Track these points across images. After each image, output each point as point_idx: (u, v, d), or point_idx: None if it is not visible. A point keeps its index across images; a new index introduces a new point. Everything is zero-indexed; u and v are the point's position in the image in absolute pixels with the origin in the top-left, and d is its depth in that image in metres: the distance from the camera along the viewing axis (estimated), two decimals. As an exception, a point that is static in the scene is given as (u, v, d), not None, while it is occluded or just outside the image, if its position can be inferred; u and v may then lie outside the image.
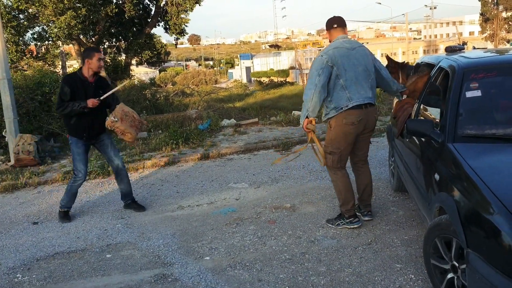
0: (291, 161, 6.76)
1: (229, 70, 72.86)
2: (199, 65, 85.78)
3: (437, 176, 3.04)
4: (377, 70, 4.18)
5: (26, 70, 14.71)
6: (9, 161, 8.06)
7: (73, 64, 25.03)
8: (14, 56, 16.09)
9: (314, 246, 3.93)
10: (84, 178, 5.13)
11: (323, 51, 4.07)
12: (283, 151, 7.89)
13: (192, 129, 9.40)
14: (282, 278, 3.43)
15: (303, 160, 6.91)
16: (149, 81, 31.26)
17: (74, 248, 4.37)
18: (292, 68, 50.90)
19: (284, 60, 55.90)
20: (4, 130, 8.36)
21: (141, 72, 39.20)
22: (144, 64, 22.91)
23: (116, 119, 4.85)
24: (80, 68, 5.03)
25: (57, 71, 14.24)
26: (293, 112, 11.88)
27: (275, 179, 6.16)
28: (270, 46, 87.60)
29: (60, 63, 18.25)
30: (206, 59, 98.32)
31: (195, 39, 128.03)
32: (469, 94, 3.28)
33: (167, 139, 8.63)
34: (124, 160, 7.60)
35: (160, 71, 54.58)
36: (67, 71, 18.85)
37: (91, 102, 4.76)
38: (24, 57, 16.74)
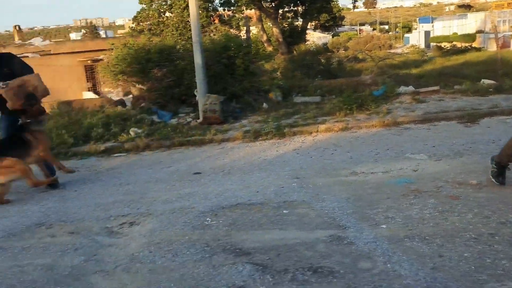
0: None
1: (406, 35, 68.55)
2: (374, 29, 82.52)
3: None
4: None
5: (215, 35, 15.91)
6: (198, 118, 8.95)
7: (252, 30, 26.28)
8: (204, 21, 17.50)
9: (505, 228, 3.53)
10: None
11: None
12: (468, 123, 7.23)
13: (366, 95, 9.18)
14: (466, 257, 3.18)
15: (491, 134, 6.25)
16: (322, 46, 31.33)
17: (254, 201, 4.66)
18: (479, 32, 45.68)
19: (470, 23, 50.33)
20: (195, 90, 9.27)
21: (314, 37, 39.42)
22: (319, 28, 22.93)
23: (4, 86, 4.86)
24: None
25: (241, 35, 15.06)
26: (482, 80, 10.72)
27: (458, 153, 5.69)
28: (459, 6, 79.21)
29: (245, 28, 19.28)
30: (381, 24, 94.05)
31: (370, 3, 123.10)
32: None
33: (341, 104, 8.58)
34: (298, 123, 7.86)
35: (333, 36, 53.98)
36: (250, 35, 19.87)
37: None
38: (213, 22, 18.10)
